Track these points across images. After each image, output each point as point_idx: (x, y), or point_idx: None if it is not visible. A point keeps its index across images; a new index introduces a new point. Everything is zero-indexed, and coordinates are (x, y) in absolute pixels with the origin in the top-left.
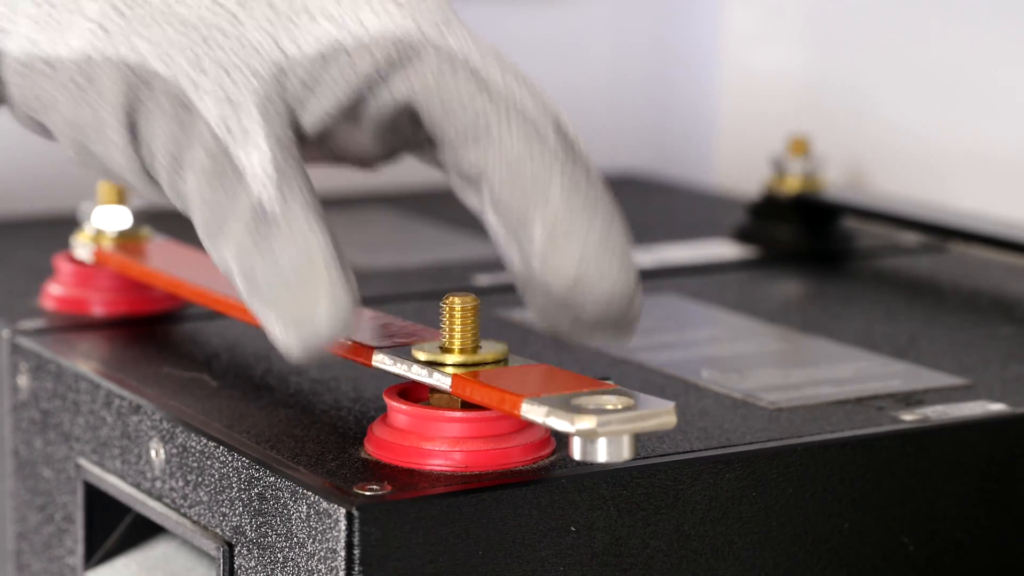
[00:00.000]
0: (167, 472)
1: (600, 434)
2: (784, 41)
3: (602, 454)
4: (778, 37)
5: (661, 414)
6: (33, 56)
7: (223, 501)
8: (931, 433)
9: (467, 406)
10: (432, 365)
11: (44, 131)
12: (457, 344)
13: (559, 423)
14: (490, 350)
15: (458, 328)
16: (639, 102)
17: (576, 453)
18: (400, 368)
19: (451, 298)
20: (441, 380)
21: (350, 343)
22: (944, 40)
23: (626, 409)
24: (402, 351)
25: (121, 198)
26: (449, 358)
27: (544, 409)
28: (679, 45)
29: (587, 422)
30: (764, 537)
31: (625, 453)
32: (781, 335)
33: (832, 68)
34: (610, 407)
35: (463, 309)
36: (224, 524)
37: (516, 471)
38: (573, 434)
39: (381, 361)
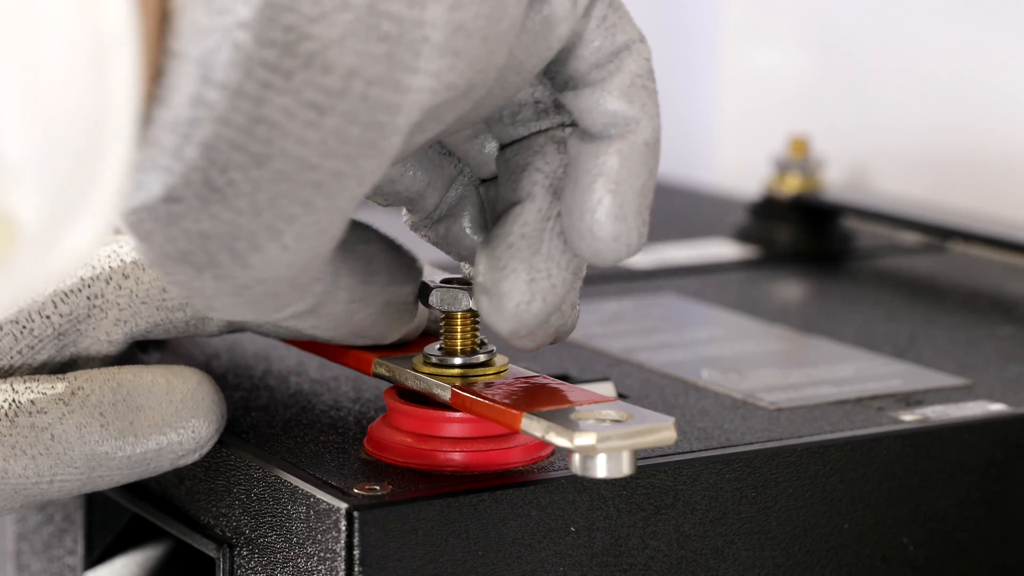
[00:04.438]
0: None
1: (599, 450)
2: (784, 41)
3: (601, 470)
4: (778, 37)
5: (661, 430)
6: None
7: (223, 501)
8: (931, 433)
9: None
10: (431, 377)
11: None
12: (457, 346)
13: (558, 439)
14: (489, 357)
15: (458, 329)
16: None
17: (576, 468)
18: (399, 378)
19: None
20: (440, 393)
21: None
22: (944, 40)
23: (626, 424)
24: (402, 361)
25: None
26: (447, 370)
27: (543, 425)
28: (679, 45)
29: (586, 438)
30: (764, 537)
31: (625, 468)
32: (781, 335)
33: (832, 68)
34: (609, 422)
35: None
36: (224, 524)
37: (516, 471)
38: (572, 450)
39: (380, 370)
